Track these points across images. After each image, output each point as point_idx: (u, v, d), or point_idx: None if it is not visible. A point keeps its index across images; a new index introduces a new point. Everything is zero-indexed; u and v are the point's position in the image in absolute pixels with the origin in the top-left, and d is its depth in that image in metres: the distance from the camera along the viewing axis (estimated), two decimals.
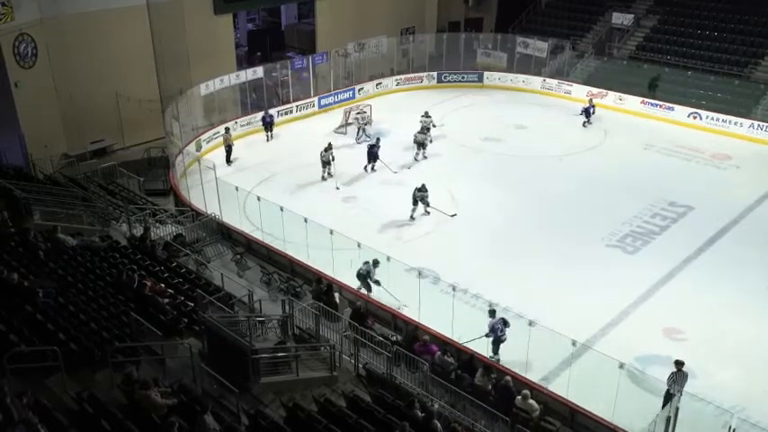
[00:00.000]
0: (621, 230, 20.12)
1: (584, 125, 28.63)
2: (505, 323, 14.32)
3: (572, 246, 19.24)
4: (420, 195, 20.54)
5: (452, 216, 19.20)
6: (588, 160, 25.40)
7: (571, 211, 21.39)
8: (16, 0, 22.36)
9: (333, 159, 23.53)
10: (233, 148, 25.23)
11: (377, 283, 16.45)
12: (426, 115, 26.89)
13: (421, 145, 25.10)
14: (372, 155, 23.96)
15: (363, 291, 16.66)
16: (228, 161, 24.99)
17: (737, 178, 24.05)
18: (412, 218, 20.56)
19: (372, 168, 24.19)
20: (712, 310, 16.44)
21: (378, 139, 24.51)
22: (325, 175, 23.57)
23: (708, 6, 33.66)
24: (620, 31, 34.82)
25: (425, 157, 25.14)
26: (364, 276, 16.54)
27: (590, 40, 35.34)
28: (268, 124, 27.27)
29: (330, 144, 23.86)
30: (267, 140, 27.27)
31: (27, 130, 22.55)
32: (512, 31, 35.71)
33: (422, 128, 25.65)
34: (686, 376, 12.74)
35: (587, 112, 28.65)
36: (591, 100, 29.26)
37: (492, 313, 14.53)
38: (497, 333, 14.32)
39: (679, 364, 12.81)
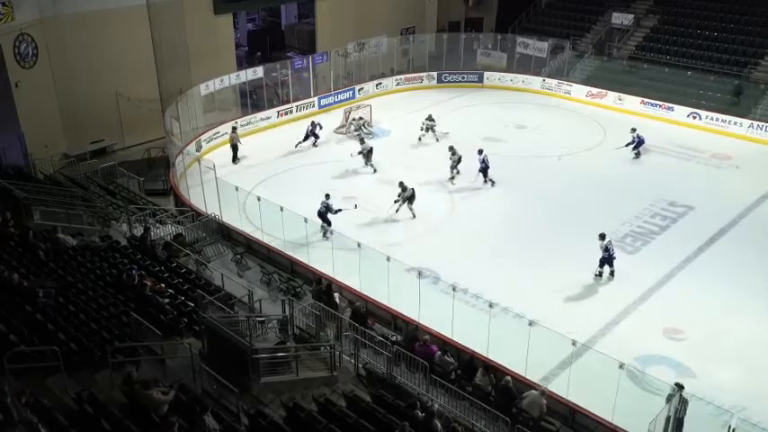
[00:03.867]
0: (621, 230, 20.12)
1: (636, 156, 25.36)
2: (611, 244, 17.48)
3: (572, 245, 19.22)
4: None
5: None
6: (588, 160, 25.39)
7: (571, 211, 21.38)
8: (16, 0, 22.37)
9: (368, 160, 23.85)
10: (239, 147, 25.18)
11: (338, 211, 19.16)
12: (430, 119, 26.98)
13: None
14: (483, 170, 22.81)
15: (325, 229, 18.81)
16: (234, 160, 24.97)
17: (737, 178, 24.04)
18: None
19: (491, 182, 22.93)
20: (712, 310, 16.44)
21: (480, 151, 22.97)
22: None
23: (708, 6, 33.68)
24: (620, 31, 34.81)
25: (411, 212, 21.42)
26: (324, 214, 18.79)
27: (590, 40, 35.34)
28: (311, 133, 26.04)
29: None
30: (296, 145, 26.01)
31: (27, 130, 22.55)
32: (512, 31, 35.73)
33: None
34: (686, 402, 11.94)
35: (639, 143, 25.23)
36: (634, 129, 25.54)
37: (602, 237, 17.50)
38: (610, 252, 17.43)
39: (679, 387, 12.03)
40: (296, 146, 26.15)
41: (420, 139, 26.94)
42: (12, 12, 22.28)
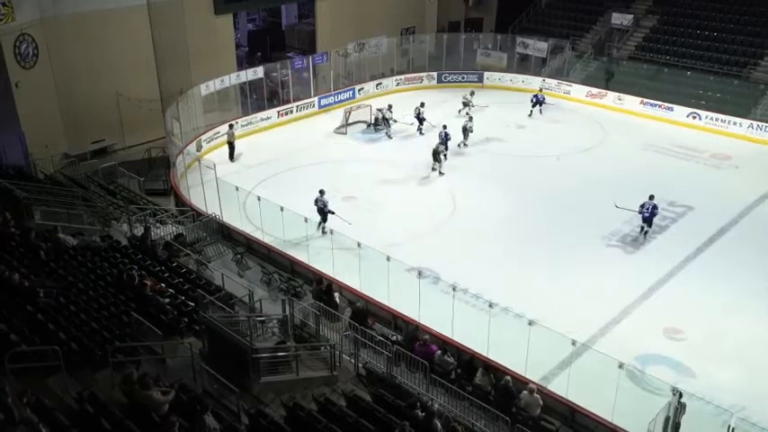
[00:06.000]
0: (621, 230, 20.14)
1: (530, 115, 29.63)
2: (656, 208, 19.34)
3: (572, 245, 19.26)
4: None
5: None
6: (588, 160, 25.41)
7: (571, 210, 21.40)
8: (16, 0, 22.38)
9: (445, 155, 23.94)
10: (235, 145, 25.31)
11: (331, 212, 19.32)
12: (471, 94, 28.97)
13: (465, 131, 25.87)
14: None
15: (323, 225, 19.31)
16: (231, 158, 25.10)
17: (737, 178, 24.05)
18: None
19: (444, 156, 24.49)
20: (712, 310, 16.46)
21: (445, 126, 24.87)
22: (436, 166, 23.87)
23: (708, 6, 33.69)
24: (619, 31, 34.84)
25: (466, 145, 25.98)
26: (321, 210, 19.20)
27: (590, 40, 35.36)
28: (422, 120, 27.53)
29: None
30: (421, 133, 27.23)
31: (27, 129, 22.57)
32: (512, 31, 35.76)
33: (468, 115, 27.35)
34: (684, 406, 11.92)
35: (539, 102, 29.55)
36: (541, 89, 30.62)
37: (651, 197, 19.49)
38: (644, 210, 19.32)
39: (678, 393, 11.94)
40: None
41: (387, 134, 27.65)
42: (12, 12, 22.29)
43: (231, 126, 25.74)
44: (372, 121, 28.25)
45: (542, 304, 16.00)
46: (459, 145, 25.67)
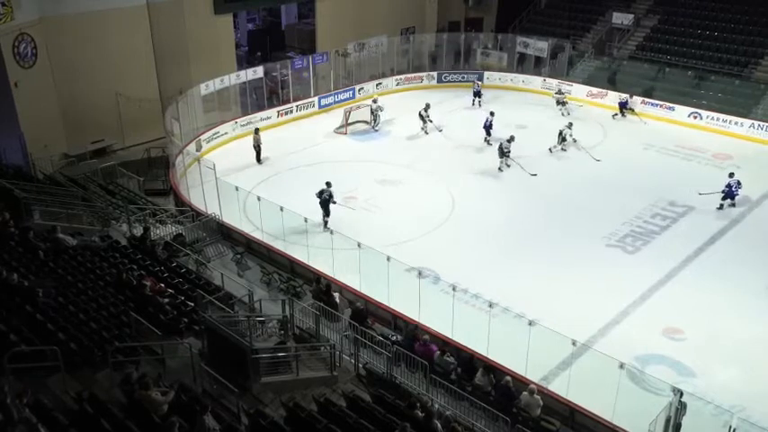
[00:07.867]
0: (622, 230, 20.12)
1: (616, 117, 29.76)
2: (739, 183, 20.92)
3: (572, 246, 19.24)
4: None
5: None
6: (588, 160, 25.38)
7: (571, 210, 21.39)
8: (16, 0, 22.36)
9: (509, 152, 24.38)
10: (261, 148, 25.19)
11: (335, 203, 19.76)
12: (559, 92, 30.09)
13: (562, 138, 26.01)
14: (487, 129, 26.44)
15: (325, 218, 19.59)
16: (259, 160, 25.06)
17: (738, 178, 23.95)
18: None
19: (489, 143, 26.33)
20: (712, 310, 16.43)
21: (492, 113, 26.78)
22: (503, 166, 24.40)
23: (708, 6, 33.66)
24: (620, 31, 34.81)
25: (564, 150, 26.00)
26: (326, 201, 19.44)
27: (590, 40, 35.32)
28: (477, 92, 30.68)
29: (512, 136, 24.63)
30: (473, 105, 30.71)
31: (27, 129, 22.55)
32: (512, 31, 35.74)
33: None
34: (685, 406, 11.91)
35: (623, 106, 29.69)
36: (624, 101, 29.96)
37: (731, 175, 21.27)
38: (732, 189, 20.94)
39: (679, 392, 11.90)
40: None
41: (424, 129, 27.84)
42: (11, 11, 22.27)
43: (257, 131, 25.44)
44: (372, 121, 28.15)
45: (542, 304, 15.98)
46: (550, 149, 25.86)
